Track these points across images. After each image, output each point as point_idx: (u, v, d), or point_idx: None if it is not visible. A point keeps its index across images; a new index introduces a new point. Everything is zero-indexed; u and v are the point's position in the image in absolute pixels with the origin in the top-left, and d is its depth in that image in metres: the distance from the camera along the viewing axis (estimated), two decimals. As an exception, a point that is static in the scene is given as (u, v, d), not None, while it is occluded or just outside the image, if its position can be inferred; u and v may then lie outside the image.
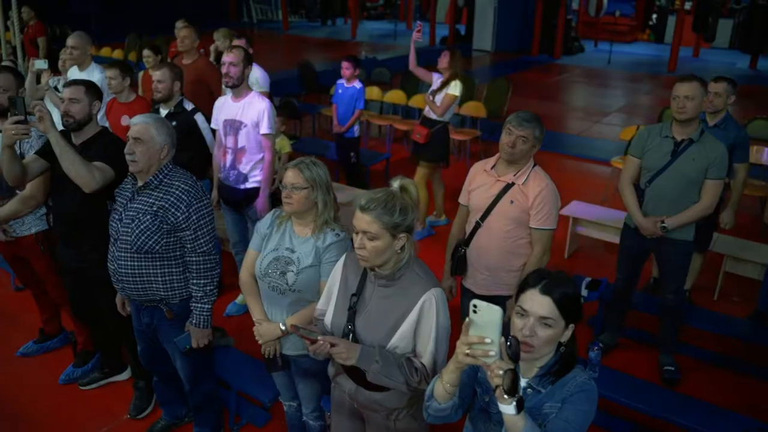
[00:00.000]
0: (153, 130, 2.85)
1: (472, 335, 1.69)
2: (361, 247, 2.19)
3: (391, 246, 2.20)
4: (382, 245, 2.18)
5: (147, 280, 2.92)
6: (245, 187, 4.25)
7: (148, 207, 2.85)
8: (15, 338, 4.41)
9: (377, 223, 2.16)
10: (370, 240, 2.17)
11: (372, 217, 2.16)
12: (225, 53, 4.13)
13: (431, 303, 2.21)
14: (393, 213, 2.18)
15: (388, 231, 2.17)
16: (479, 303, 1.67)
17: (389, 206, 2.18)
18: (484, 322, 1.67)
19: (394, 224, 2.18)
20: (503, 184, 3.23)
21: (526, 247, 3.27)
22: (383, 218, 2.16)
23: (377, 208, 2.17)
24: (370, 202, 2.18)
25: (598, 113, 11.37)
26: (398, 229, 2.19)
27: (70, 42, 5.16)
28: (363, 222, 2.17)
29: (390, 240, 2.19)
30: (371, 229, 2.16)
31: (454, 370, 1.81)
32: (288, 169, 2.68)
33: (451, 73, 5.63)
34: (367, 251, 2.18)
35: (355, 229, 2.21)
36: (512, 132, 3.15)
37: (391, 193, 2.22)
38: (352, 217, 2.24)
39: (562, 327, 1.88)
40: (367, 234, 2.17)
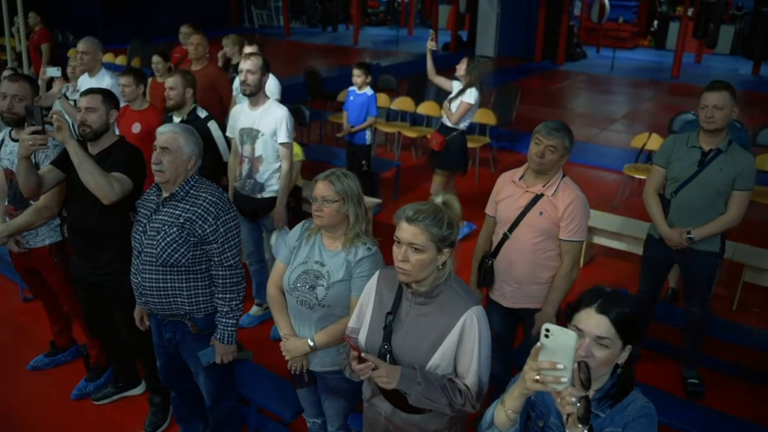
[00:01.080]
0: (181, 139, 2.78)
1: (542, 360, 1.59)
2: (404, 260, 2.11)
3: (435, 261, 2.13)
4: (427, 259, 2.11)
5: (172, 294, 2.84)
6: (262, 197, 4.18)
7: (174, 219, 2.77)
8: (25, 351, 4.32)
9: (425, 235, 2.09)
10: (415, 252, 2.10)
11: (420, 228, 2.09)
12: (242, 60, 4.06)
13: (473, 321, 2.14)
14: (441, 225, 2.11)
15: (435, 244, 2.11)
16: (552, 327, 1.58)
17: (438, 218, 2.11)
18: (556, 346, 1.58)
19: (441, 237, 2.11)
20: (532, 195, 3.17)
21: (555, 259, 3.20)
22: (432, 229, 2.10)
23: (426, 220, 2.10)
24: (417, 214, 2.11)
25: (605, 120, 11.31)
26: (444, 243, 2.13)
27: (80, 47, 5.09)
28: (409, 233, 2.10)
29: (435, 254, 2.12)
30: (418, 240, 2.09)
31: (519, 396, 1.71)
32: (318, 182, 2.61)
33: (469, 80, 5.55)
34: (411, 264, 2.11)
35: (399, 241, 2.13)
36: (541, 142, 3.09)
37: (438, 206, 2.16)
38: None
39: (618, 348, 1.80)
40: (413, 246, 2.10)
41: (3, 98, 3.38)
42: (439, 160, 5.82)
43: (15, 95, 3.41)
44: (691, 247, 3.68)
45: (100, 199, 3.03)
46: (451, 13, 20.58)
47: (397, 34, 19.57)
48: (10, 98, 3.38)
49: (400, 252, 2.12)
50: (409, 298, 2.23)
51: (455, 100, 5.65)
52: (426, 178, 7.81)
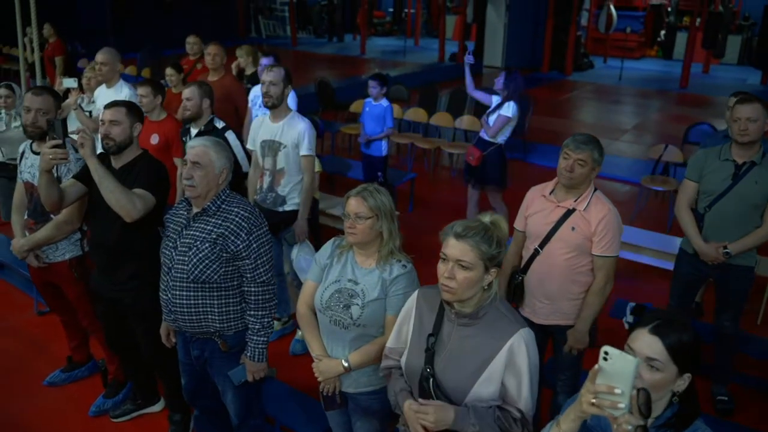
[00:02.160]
0: (212, 153, 2.72)
1: (600, 384, 1.53)
2: (450, 277, 2.05)
3: (481, 280, 2.07)
4: (474, 277, 2.05)
5: (203, 311, 2.77)
6: (283, 210, 4.12)
7: (206, 234, 2.71)
8: (41, 366, 4.25)
9: (474, 252, 2.04)
10: (462, 269, 2.04)
11: (469, 245, 2.04)
12: (265, 72, 4.02)
13: (520, 345, 2.07)
14: (491, 243, 2.06)
15: (483, 262, 2.05)
16: (611, 350, 1.51)
17: (487, 236, 2.07)
18: (614, 370, 1.51)
19: (490, 256, 2.06)
20: (563, 210, 3.10)
21: (588, 274, 3.13)
22: (481, 247, 2.04)
23: (476, 236, 2.05)
24: (467, 230, 2.06)
25: (615, 130, 11.25)
26: (492, 262, 2.07)
27: (99, 58, 5.05)
28: (457, 249, 2.05)
29: (482, 273, 2.06)
30: (466, 257, 2.04)
31: (575, 419, 1.64)
32: (350, 198, 2.55)
33: (507, 93, 5.49)
34: (457, 283, 2.04)
35: (445, 258, 2.07)
36: (569, 156, 3.03)
37: (486, 224, 2.11)
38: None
39: (672, 374, 1.72)
40: (461, 263, 2.04)
41: (27, 111, 3.33)
42: (477, 175, 5.75)
43: (39, 109, 3.36)
44: (727, 261, 3.61)
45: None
46: (457, 23, 20.59)
47: (405, 44, 19.55)
48: (35, 112, 3.34)
49: (446, 269, 2.06)
50: (452, 319, 2.16)
51: (493, 114, 5.58)
52: (440, 189, 7.81)
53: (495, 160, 5.66)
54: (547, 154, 8.71)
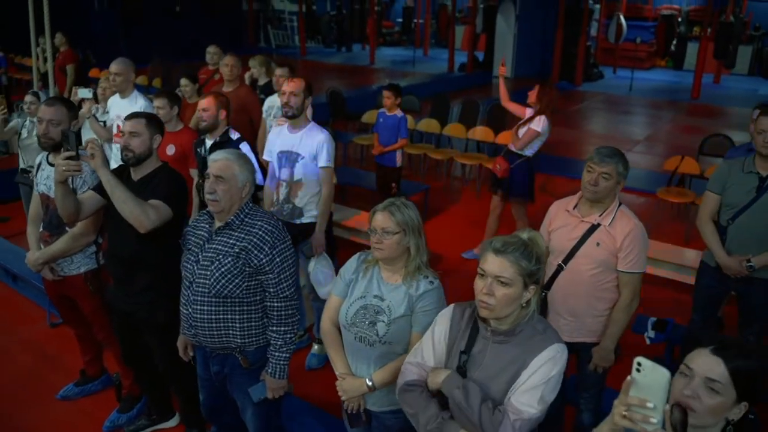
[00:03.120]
0: (236, 167, 2.68)
1: (632, 396, 1.48)
2: (489, 293, 2.00)
3: (520, 297, 2.02)
4: (513, 294, 2.00)
5: (224, 326, 2.72)
6: (300, 222, 4.06)
7: (229, 248, 2.65)
8: (53, 379, 4.21)
9: (514, 268, 1.99)
10: (501, 286, 1.99)
11: (509, 261, 1.99)
12: (286, 82, 3.98)
13: (549, 355, 2.02)
14: (531, 259, 2.02)
15: (523, 278, 2.01)
16: (644, 361, 1.47)
17: (527, 252, 2.02)
18: (647, 383, 1.47)
19: (530, 272, 2.01)
20: (588, 225, 3.04)
21: (613, 291, 3.06)
22: (521, 262, 2.00)
23: (515, 252, 2.00)
24: (506, 245, 2.01)
25: (627, 141, 11.18)
26: (532, 279, 2.02)
27: (113, 68, 5.01)
28: (496, 265, 2.00)
29: (521, 290, 2.01)
30: (506, 273, 1.99)
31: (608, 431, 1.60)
32: (377, 212, 2.50)
33: (539, 107, 5.43)
34: (496, 299, 1.99)
35: (483, 274, 2.02)
36: (593, 169, 2.97)
37: (525, 240, 2.06)
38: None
39: (731, 399, 1.66)
40: (500, 279, 1.99)
41: (39, 122, 3.29)
42: (504, 187, 5.69)
43: (51, 120, 3.30)
44: (751, 275, 3.54)
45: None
46: (465, 33, 20.61)
47: (414, 54, 19.56)
48: (47, 123, 3.28)
49: (484, 285, 2.02)
50: (487, 336, 2.11)
51: (523, 126, 5.53)
52: (453, 201, 7.74)
53: (522, 172, 5.60)
54: (559, 165, 8.67)
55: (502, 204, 5.89)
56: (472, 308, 2.20)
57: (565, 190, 8.05)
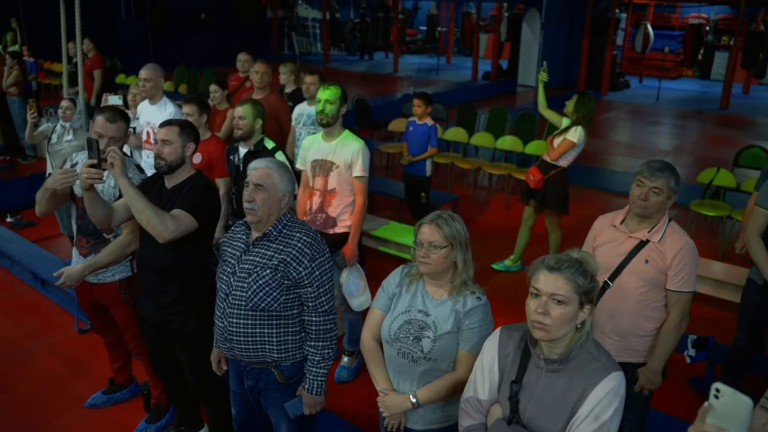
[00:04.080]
0: (276, 175, 2.60)
1: (710, 423, 1.40)
2: (544, 312, 1.91)
3: (575, 318, 1.93)
4: (569, 313, 1.91)
5: (260, 341, 2.64)
6: (334, 232, 3.99)
7: (267, 260, 2.58)
8: (81, 386, 4.17)
9: (570, 285, 1.90)
10: (557, 305, 1.90)
11: (564, 277, 1.91)
12: (321, 90, 3.91)
13: (610, 389, 1.91)
14: (586, 276, 1.93)
15: (579, 296, 1.92)
16: (723, 388, 1.39)
17: (582, 269, 1.93)
18: (726, 410, 1.39)
19: (586, 289, 1.92)
20: (636, 242, 2.93)
21: (661, 310, 2.95)
22: (578, 279, 1.91)
23: (570, 269, 1.91)
24: (560, 262, 1.93)
25: (656, 152, 11.02)
26: (587, 297, 1.93)
27: (142, 74, 4.99)
28: (551, 283, 1.91)
29: (576, 309, 1.92)
30: (562, 291, 1.90)
31: None
32: (423, 225, 2.41)
33: (576, 118, 5.32)
34: (551, 319, 1.90)
35: (537, 293, 1.93)
36: (644, 183, 2.87)
37: (577, 258, 1.97)
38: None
39: None
40: (556, 297, 1.90)
41: (98, 137, 3.20)
42: (537, 198, 5.58)
43: (113, 137, 3.26)
44: None
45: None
46: (489, 41, 20.52)
47: (438, 62, 19.50)
48: (107, 140, 3.22)
49: (538, 304, 1.92)
50: (540, 365, 2.01)
51: (559, 137, 5.42)
52: (482, 211, 7.64)
53: (557, 183, 5.48)
54: (585, 175, 8.57)
55: (535, 215, 5.78)
56: (522, 331, 2.11)
57: (592, 200, 7.97)
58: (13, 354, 4.58)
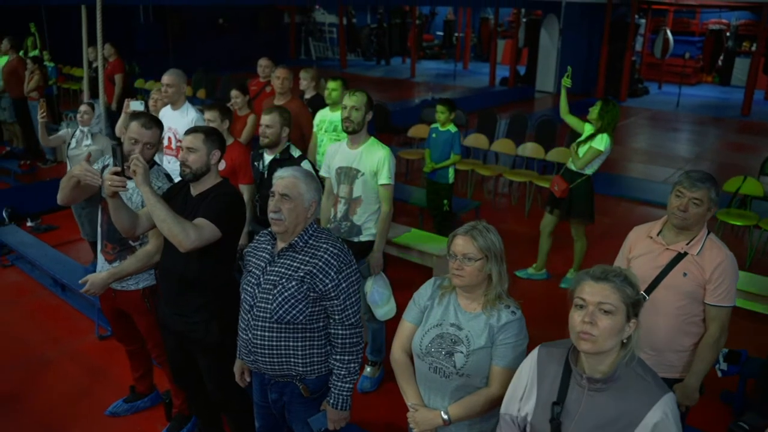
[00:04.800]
0: (303, 185, 2.55)
1: None
2: (592, 323, 1.83)
3: (622, 331, 1.86)
4: (617, 324, 1.84)
5: (285, 354, 2.58)
6: (358, 240, 3.93)
7: (293, 272, 2.52)
8: (102, 394, 4.14)
9: (618, 294, 1.84)
10: (605, 315, 1.83)
11: (612, 287, 1.85)
12: (347, 96, 3.86)
13: (667, 416, 1.83)
14: (634, 286, 1.87)
15: (627, 307, 1.85)
16: None
17: (629, 279, 1.87)
18: None
19: (634, 300, 1.86)
20: (673, 254, 2.85)
21: (699, 325, 2.86)
22: (627, 289, 1.85)
23: (617, 278, 1.85)
24: (606, 272, 1.87)
25: (678, 159, 10.88)
26: (635, 309, 1.87)
27: (165, 80, 4.96)
28: (598, 293, 1.85)
29: (624, 321, 1.86)
30: (610, 299, 1.84)
31: None
32: (457, 236, 2.35)
33: (601, 125, 5.24)
34: (599, 329, 1.83)
35: (583, 304, 1.87)
36: (683, 194, 2.79)
37: (622, 269, 1.92)
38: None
39: None
40: (603, 306, 1.84)
41: (133, 143, 3.19)
42: (563, 208, 5.50)
43: (147, 143, 3.23)
44: None
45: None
46: (506, 47, 20.43)
47: (455, 67, 19.43)
48: (142, 145, 3.19)
49: (585, 314, 1.85)
50: (582, 383, 1.93)
51: (584, 145, 5.33)
52: (503, 218, 7.55)
53: (582, 192, 5.40)
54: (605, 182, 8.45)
55: (554, 222, 5.70)
56: (562, 349, 2.04)
57: (614, 209, 7.87)
58: (33, 360, 4.56)
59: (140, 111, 5.11)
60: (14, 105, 9.14)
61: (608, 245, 6.64)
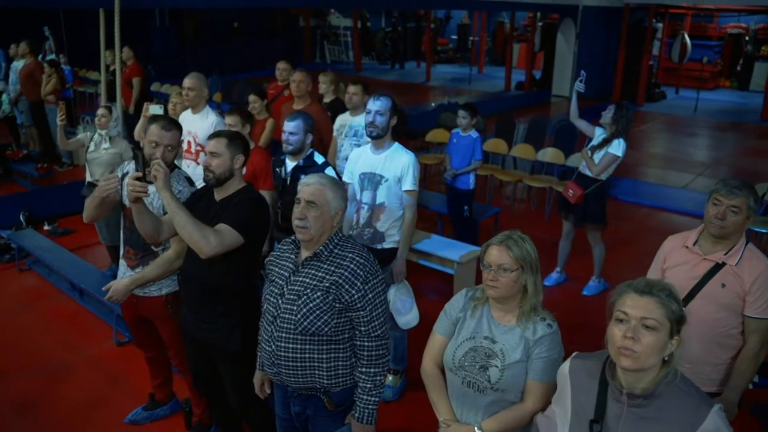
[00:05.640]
0: (329, 192, 2.48)
1: None
2: (635, 338, 1.76)
3: (665, 348, 1.78)
4: (660, 341, 1.77)
5: (310, 366, 2.52)
6: (382, 247, 3.85)
7: (318, 282, 2.46)
8: (120, 401, 4.09)
9: (663, 310, 1.77)
10: (648, 331, 1.76)
11: (656, 301, 1.77)
12: (371, 101, 3.80)
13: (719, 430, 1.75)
14: (678, 302, 1.80)
15: (671, 323, 1.78)
16: None
17: (673, 294, 1.79)
18: None
19: (679, 316, 1.79)
20: (711, 264, 2.77)
21: (737, 337, 2.77)
22: (671, 305, 1.78)
23: (662, 293, 1.78)
24: (650, 286, 1.79)
25: (698, 165, 10.74)
26: (678, 325, 1.79)
27: (186, 83, 4.93)
28: (641, 306, 1.77)
29: (667, 338, 1.78)
30: (654, 315, 1.76)
31: None
32: (492, 246, 2.27)
33: (615, 129, 5.15)
34: (642, 346, 1.75)
35: (625, 318, 1.79)
36: (721, 202, 2.71)
37: (666, 283, 1.84)
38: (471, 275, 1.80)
39: None
40: (646, 322, 1.76)
41: (154, 146, 3.13)
42: (578, 213, 5.42)
43: (168, 145, 3.17)
44: None
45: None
46: (522, 51, 20.30)
47: (470, 72, 19.34)
48: (163, 148, 3.14)
49: (627, 329, 1.77)
50: (621, 399, 1.85)
51: (599, 150, 5.24)
52: (523, 224, 7.44)
53: (597, 197, 5.33)
54: (621, 187, 8.46)
55: (575, 229, 5.61)
56: (597, 360, 1.96)
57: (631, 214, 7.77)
58: (51, 366, 4.52)
59: (159, 114, 5.09)
60: (31, 108, 9.15)
61: (629, 252, 6.59)
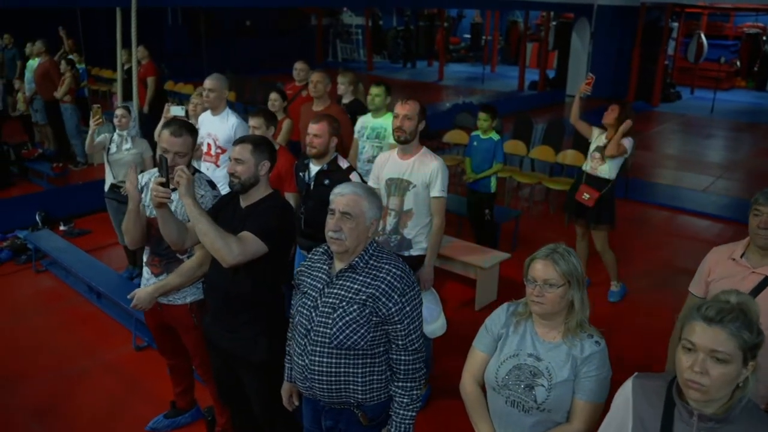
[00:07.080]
0: (365, 203, 2.40)
1: None
2: (703, 372, 1.65)
3: (739, 376, 1.67)
4: (732, 372, 1.65)
5: (345, 380, 2.43)
6: (409, 255, 3.76)
7: (354, 294, 2.37)
8: (140, 408, 4.03)
9: (734, 341, 1.64)
10: (718, 363, 1.64)
11: (727, 332, 1.65)
12: (399, 105, 3.71)
13: None
14: (752, 329, 1.67)
15: (743, 353, 1.65)
16: None
17: (747, 320, 1.67)
18: None
19: (752, 345, 1.67)
20: (760, 278, 2.66)
21: (790, 353, 2.67)
22: (744, 334, 1.65)
23: (735, 321, 1.65)
24: (721, 313, 1.66)
25: (717, 167, 10.58)
26: (753, 353, 1.67)
27: (207, 84, 4.85)
28: (710, 338, 1.65)
29: (740, 367, 1.66)
30: (724, 348, 1.64)
31: None
32: (537, 260, 2.18)
33: (623, 129, 5.06)
34: (710, 379, 1.64)
35: (693, 348, 1.68)
36: (761, 212, 2.64)
37: (739, 305, 1.71)
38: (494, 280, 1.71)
39: None
40: (716, 354, 1.64)
41: (165, 152, 3.05)
42: (592, 215, 5.32)
43: (178, 152, 3.07)
44: None
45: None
46: (534, 50, 20.15)
47: (483, 71, 19.22)
48: (173, 155, 3.05)
49: (695, 362, 1.66)
50: (691, 422, 1.76)
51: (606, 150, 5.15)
52: (542, 227, 7.35)
53: (609, 198, 5.27)
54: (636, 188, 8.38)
55: (589, 233, 5.53)
56: (661, 382, 1.86)
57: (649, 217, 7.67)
58: (70, 371, 4.47)
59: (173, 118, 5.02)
60: (46, 107, 9.13)
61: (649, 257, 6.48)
